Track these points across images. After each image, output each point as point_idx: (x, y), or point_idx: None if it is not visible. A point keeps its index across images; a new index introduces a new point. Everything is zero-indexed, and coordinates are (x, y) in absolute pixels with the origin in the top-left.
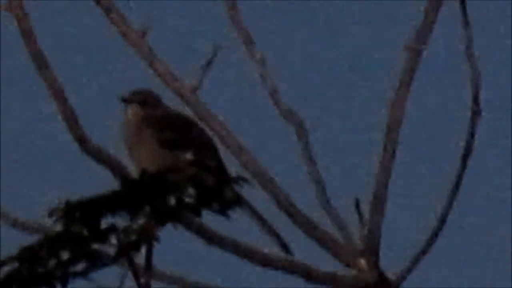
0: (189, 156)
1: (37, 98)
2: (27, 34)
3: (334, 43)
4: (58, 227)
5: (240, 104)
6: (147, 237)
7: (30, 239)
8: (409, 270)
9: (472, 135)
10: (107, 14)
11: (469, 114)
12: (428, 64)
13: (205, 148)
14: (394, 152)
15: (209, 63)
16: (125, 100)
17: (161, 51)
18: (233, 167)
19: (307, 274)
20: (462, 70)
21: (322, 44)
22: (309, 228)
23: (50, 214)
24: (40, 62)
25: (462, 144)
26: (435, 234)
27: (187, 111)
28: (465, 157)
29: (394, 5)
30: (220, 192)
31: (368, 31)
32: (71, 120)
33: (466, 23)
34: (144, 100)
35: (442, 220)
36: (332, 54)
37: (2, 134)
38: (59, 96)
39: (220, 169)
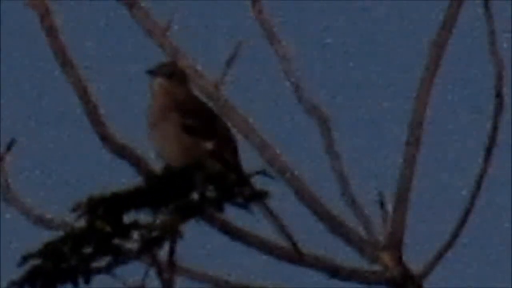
0: (209, 145)
1: (61, 95)
2: (51, 31)
3: (358, 39)
4: (81, 223)
5: (263, 100)
6: (170, 233)
7: (54, 235)
8: (433, 265)
9: (495, 129)
10: (130, 10)
11: (492, 109)
12: (451, 59)
13: (226, 142)
14: (417, 147)
15: (232, 58)
16: (152, 72)
17: (184, 47)
18: (257, 163)
19: (333, 270)
20: (486, 65)
21: (345, 40)
22: (333, 223)
23: (73, 210)
24: (64, 60)
25: (485, 138)
26: (458, 229)
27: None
28: (489, 151)
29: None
30: (241, 188)
31: (392, 26)
32: (95, 117)
33: (490, 18)
34: (171, 72)
35: (466, 215)
36: (356, 50)
37: (25, 131)
38: (83, 92)
39: (237, 166)
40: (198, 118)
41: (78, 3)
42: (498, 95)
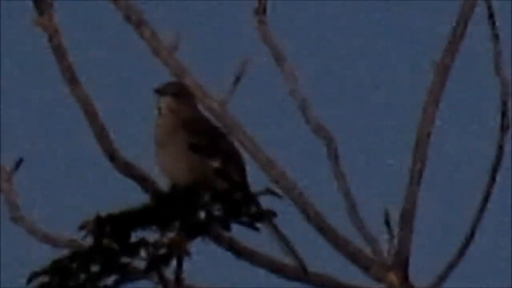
0: (216, 164)
1: (69, 113)
2: (58, 50)
3: (365, 58)
4: (89, 241)
5: (270, 118)
6: (177, 251)
7: (61, 253)
8: (438, 284)
9: (501, 148)
10: (137, 29)
11: (497, 127)
12: (456, 78)
13: (232, 160)
14: (423, 166)
15: (238, 77)
16: (159, 91)
17: (191, 66)
18: (263, 181)
19: None
20: (491, 83)
21: (352, 59)
22: (339, 242)
23: (81, 228)
24: (71, 78)
25: (491, 157)
26: (464, 248)
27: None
28: (494, 170)
29: (424, 20)
30: (247, 207)
31: (399, 47)
32: (102, 136)
33: (495, 37)
34: (178, 92)
35: (471, 234)
36: (361, 71)
37: (33, 149)
38: (90, 111)
39: (243, 185)
40: (205, 137)
41: (85, 22)
42: (503, 114)
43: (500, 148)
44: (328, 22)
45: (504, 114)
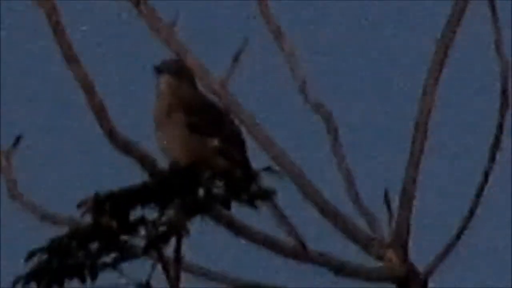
0: (216, 143)
1: (67, 90)
2: (57, 28)
3: (364, 36)
4: (88, 219)
5: (269, 97)
6: (176, 229)
7: (60, 232)
8: (438, 262)
9: (500, 128)
10: (136, 6)
11: (497, 107)
12: (457, 57)
13: (233, 139)
14: (423, 144)
15: (238, 55)
16: (158, 70)
17: (190, 44)
18: (262, 160)
19: (338, 267)
20: (491, 63)
21: (352, 37)
22: (338, 221)
23: (80, 206)
24: (70, 56)
25: (490, 137)
26: (464, 226)
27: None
28: (494, 149)
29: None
30: (247, 185)
31: (398, 25)
32: (101, 114)
33: (495, 16)
34: (177, 70)
35: (471, 213)
36: (362, 48)
37: (31, 127)
38: (89, 89)
39: (244, 163)
40: (205, 116)
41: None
42: (503, 93)
43: (500, 126)
44: (328, 2)
45: (504, 93)
